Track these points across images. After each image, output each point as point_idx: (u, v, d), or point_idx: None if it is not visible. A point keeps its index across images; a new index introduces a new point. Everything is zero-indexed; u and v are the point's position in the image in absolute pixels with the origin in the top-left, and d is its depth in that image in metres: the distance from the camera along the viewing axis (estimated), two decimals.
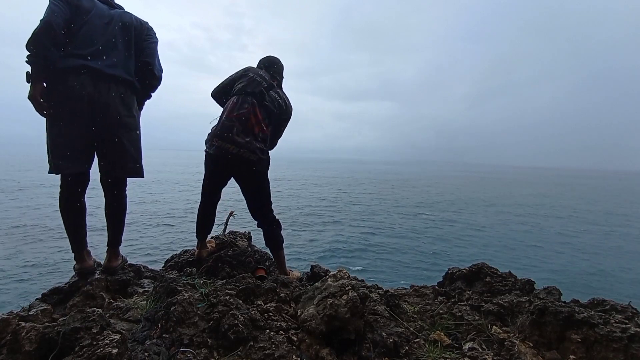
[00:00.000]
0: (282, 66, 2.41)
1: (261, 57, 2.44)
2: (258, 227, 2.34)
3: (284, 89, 2.41)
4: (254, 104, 2.11)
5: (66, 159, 1.71)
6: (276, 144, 2.44)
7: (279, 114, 2.26)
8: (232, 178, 2.30)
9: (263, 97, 2.16)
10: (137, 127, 1.93)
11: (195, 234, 2.42)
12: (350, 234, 16.42)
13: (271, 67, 2.37)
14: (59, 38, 1.64)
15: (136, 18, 1.96)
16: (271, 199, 2.32)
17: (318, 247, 13.83)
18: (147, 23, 2.01)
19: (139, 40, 1.94)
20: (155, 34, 2.05)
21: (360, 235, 16.38)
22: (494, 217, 23.07)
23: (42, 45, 1.59)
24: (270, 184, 2.31)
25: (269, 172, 2.28)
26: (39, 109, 1.68)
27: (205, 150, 2.20)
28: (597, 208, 30.74)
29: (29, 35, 1.56)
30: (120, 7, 1.99)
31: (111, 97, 1.76)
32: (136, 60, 1.93)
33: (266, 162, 2.18)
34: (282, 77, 2.42)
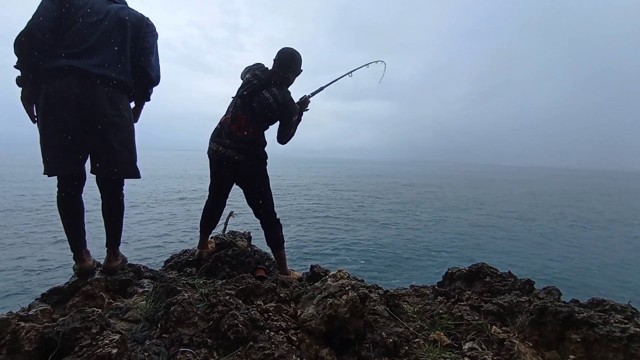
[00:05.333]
0: (295, 61, 2.25)
1: (280, 48, 2.28)
2: (262, 226, 2.36)
3: (292, 85, 2.30)
4: (237, 107, 2.17)
5: (58, 160, 1.69)
6: (287, 140, 2.32)
7: (269, 115, 2.17)
8: (234, 184, 2.34)
9: (251, 98, 2.14)
10: (127, 127, 1.86)
11: (199, 230, 2.45)
12: (350, 234, 16.42)
13: (283, 61, 2.22)
14: (44, 42, 1.61)
15: (135, 13, 1.88)
16: (273, 199, 2.34)
17: (318, 247, 13.83)
18: (147, 18, 1.93)
19: (136, 37, 1.87)
20: (155, 29, 1.97)
21: (359, 235, 16.37)
22: (494, 216, 23.09)
23: (25, 52, 1.58)
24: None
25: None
26: (28, 114, 1.69)
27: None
28: (597, 207, 30.78)
29: (15, 38, 1.55)
30: (122, 2, 1.93)
31: (98, 98, 1.71)
32: (132, 58, 1.86)
33: (255, 160, 2.19)
34: (293, 73, 2.27)
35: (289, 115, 2.24)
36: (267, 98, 2.15)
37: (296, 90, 2.33)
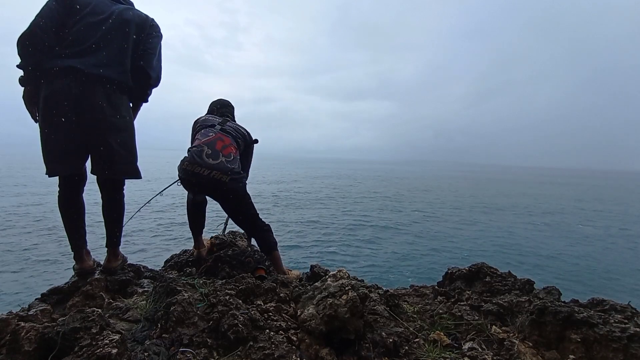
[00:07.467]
0: (232, 107, 2.62)
1: (212, 101, 2.64)
2: (248, 236, 2.33)
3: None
4: (218, 131, 2.25)
5: (58, 161, 1.70)
6: (247, 174, 2.49)
7: (242, 140, 2.37)
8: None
9: (223, 125, 2.32)
10: (127, 127, 1.86)
11: (190, 232, 2.42)
12: (350, 234, 16.41)
13: (222, 108, 2.56)
14: (46, 42, 1.61)
15: (139, 14, 1.88)
16: (255, 209, 2.29)
17: (318, 247, 13.82)
18: (152, 19, 1.93)
19: (139, 38, 1.87)
20: (159, 30, 1.97)
21: (359, 235, 16.37)
22: (494, 217, 23.08)
23: (27, 52, 1.59)
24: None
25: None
26: (30, 114, 1.71)
27: (178, 178, 2.22)
28: (596, 207, 30.77)
29: (17, 38, 1.56)
30: (128, 2, 1.93)
31: (97, 98, 1.70)
32: (133, 58, 1.85)
33: (239, 181, 2.15)
34: (233, 116, 2.59)
35: (253, 145, 2.51)
36: (236, 127, 2.39)
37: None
